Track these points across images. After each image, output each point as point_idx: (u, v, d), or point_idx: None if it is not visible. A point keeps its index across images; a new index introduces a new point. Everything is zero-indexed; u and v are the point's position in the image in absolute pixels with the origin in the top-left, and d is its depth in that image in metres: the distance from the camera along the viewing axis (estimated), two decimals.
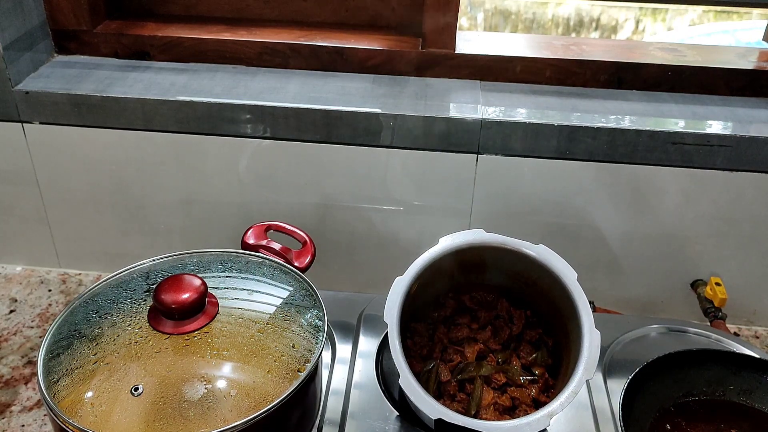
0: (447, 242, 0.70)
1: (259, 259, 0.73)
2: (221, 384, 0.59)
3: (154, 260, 0.72)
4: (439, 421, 0.60)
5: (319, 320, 0.65)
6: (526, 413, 0.66)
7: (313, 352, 0.62)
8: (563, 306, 0.69)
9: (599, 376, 0.75)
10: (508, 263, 0.72)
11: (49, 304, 0.95)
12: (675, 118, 0.86)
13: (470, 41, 0.95)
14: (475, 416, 0.66)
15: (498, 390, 0.69)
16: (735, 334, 0.91)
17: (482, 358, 0.71)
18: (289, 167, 0.90)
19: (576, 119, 0.85)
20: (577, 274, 0.68)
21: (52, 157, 0.93)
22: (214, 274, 0.69)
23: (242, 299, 0.67)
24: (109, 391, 0.58)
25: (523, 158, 0.87)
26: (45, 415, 0.78)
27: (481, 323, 0.74)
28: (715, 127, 0.84)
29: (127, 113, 0.88)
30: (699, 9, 2.10)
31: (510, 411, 0.68)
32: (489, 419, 0.65)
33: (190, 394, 0.58)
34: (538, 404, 0.68)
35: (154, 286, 0.64)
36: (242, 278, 0.70)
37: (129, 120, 0.88)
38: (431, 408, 0.60)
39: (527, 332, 0.74)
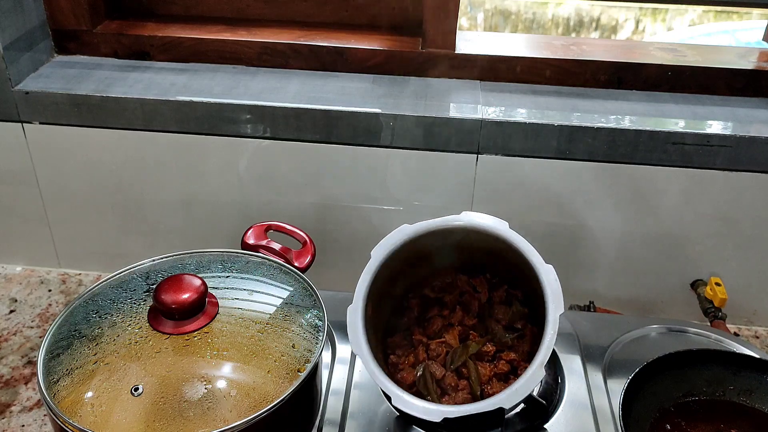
0: (379, 252, 0.69)
1: (259, 259, 0.73)
2: (221, 384, 0.59)
3: (154, 260, 0.72)
4: (448, 420, 0.59)
5: (319, 320, 0.65)
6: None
7: (313, 352, 0.62)
8: (510, 256, 0.68)
9: (599, 376, 0.75)
10: (447, 242, 0.72)
11: (49, 304, 0.96)
12: (675, 118, 0.86)
13: (470, 41, 0.95)
14: (482, 395, 0.66)
15: (493, 361, 0.69)
16: (735, 334, 0.91)
17: (466, 339, 0.72)
18: (289, 167, 0.90)
19: (576, 119, 0.85)
20: (507, 223, 0.68)
21: (52, 157, 0.93)
22: (214, 274, 0.69)
23: (242, 299, 0.67)
24: (109, 391, 0.58)
25: (523, 158, 0.87)
26: (45, 415, 0.78)
27: (450, 307, 0.74)
28: (715, 127, 0.84)
29: (127, 113, 0.88)
30: (699, 9, 2.11)
31: (512, 373, 0.68)
32: (495, 392, 0.65)
33: (190, 394, 0.58)
34: (534, 356, 0.68)
35: (154, 286, 0.64)
36: (242, 278, 0.70)
37: (129, 120, 0.88)
38: (433, 412, 0.59)
39: (494, 294, 0.74)
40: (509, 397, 0.58)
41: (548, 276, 0.64)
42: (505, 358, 0.69)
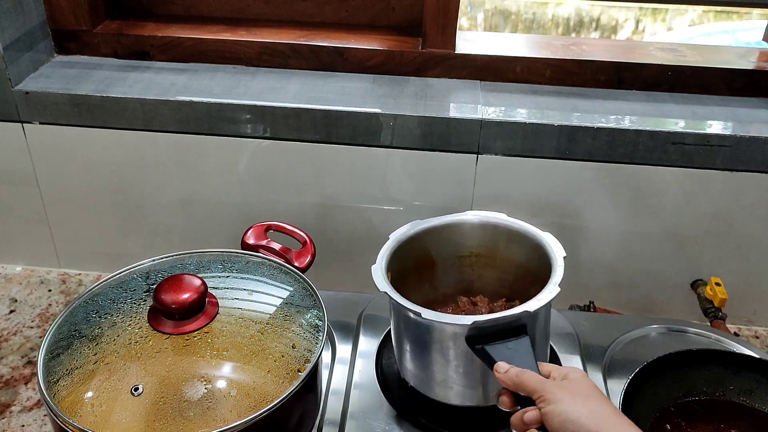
0: (400, 232, 0.74)
1: (259, 259, 0.73)
2: (221, 384, 0.59)
3: (154, 260, 0.72)
4: (471, 338, 0.61)
5: (319, 320, 0.65)
6: None
7: (313, 352, 0.62)
8: (506, 248, 0.76)
9: (599, 376, 0.75)
10: (449, 245, 0.77)
11: (49, 304, 0.96)
12: (675, 118, 0.86)
13: (470, 41, 0.95)
14: None
15: None
16: (735, 334, 0.91)
17: None
18: (289, 167, 0.90)
19: (576, 119, 0.85)
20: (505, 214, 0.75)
21: (52, 157, 0.93)
22: (214, 274, 0.69)
23: (242, 299, 0.67)
24: (109, 391, 0.58)
25: (523, 158, 0.87)
26: (45, 415, 0.78)
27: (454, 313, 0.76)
28: (715, 127, 0.84)
29: (127, 113, 0.88)
30: (699, 9, 2.11)
31: None
32: None
33: (190, 394, 0.58)
34: None
35: (154, 286, 0.64)
36: (242, 278, 0.70)
37: (129, 120, 0.88)
38: (464, 319, 0.61)
39: (494, 306, 0.76)
40: (531, 304, 0.62)
41: (549, 237, 0.72)
42: None
